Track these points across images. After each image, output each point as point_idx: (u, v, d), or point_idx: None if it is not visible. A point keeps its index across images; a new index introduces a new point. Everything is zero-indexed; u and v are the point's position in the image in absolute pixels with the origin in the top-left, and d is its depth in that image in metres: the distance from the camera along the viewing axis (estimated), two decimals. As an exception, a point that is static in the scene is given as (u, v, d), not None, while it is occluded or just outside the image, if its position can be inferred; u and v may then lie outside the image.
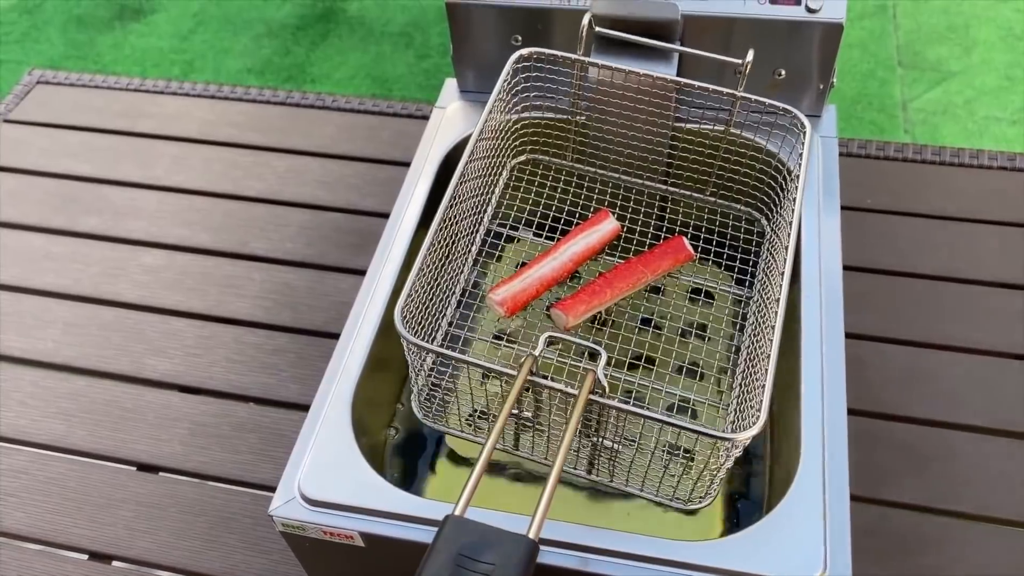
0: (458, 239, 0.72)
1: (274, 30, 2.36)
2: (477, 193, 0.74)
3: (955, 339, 0.86)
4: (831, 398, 0.65)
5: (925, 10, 2.24)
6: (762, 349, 0.61)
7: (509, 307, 0.69)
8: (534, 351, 0.56)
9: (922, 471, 0.77)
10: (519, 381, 0.55)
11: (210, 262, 0.98)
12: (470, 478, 0.49)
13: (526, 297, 0.70)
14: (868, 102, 2.05)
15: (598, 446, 0.63)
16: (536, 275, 0.71)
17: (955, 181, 1.00)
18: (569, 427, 0.52)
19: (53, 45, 2.38)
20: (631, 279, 0.73)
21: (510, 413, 0.60)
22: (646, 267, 0.73)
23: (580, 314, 0.71)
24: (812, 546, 0.57)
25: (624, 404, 0.55)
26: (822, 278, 0.72)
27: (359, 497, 0.59)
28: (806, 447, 0.63)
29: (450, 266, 0.72)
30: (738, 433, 0.53)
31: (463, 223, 0.72)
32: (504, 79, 0.70)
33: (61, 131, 1.15)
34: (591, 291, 0.72)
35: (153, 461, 0.83)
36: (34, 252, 1.01)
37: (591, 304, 0.71)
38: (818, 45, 0.74)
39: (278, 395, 0.86)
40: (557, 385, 0.56)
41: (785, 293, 0.61)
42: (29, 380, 0.89)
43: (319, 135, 1.11)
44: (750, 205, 0.78)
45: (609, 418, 0.58)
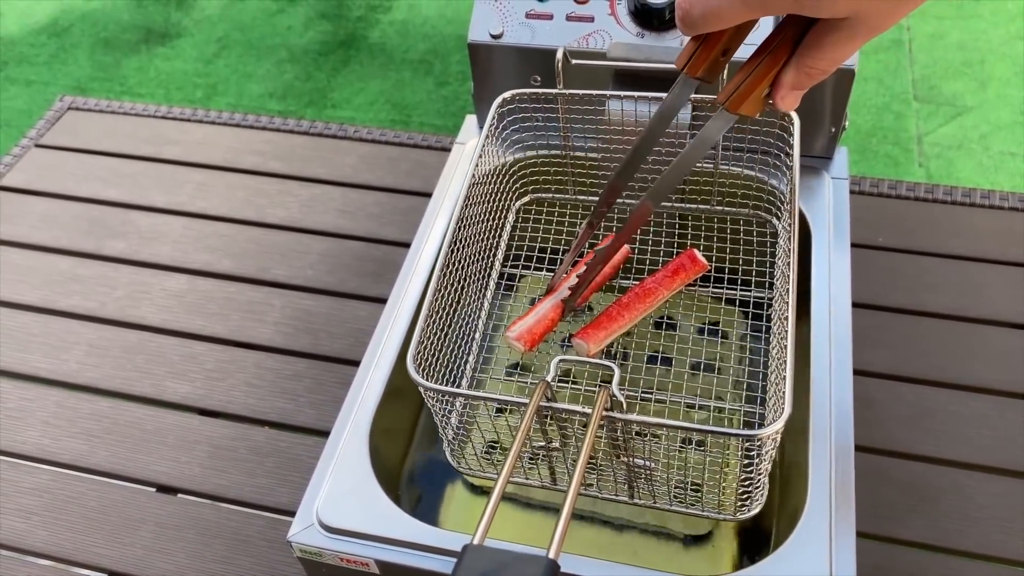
0: (468, 283, 0.74)
1: (296, 56, 2.40)
2: (483, 237, 0.75)
3: (964, 378, 0.87)
4: (839, 435, 0.66)
5: (941, 45, 2.26)
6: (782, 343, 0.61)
7: (527, 341, 0.70)
8: (547, 377, 0.57)
9: (929, 509, 0.78)
10: (531, 407, 0.55)
11: (232, 287, 1.01)
12: (487, 507, 0.50)
13: (542, 330, 0.71)
14: (883, 135, 2.06)
15: (631, 467, 0.63)
16: (549, 306, 0.72)
17: (967, 220, 1.01)
18: (585, 444, 0.52)
19: (80, 67, 2.43)
20: (647, 300, 0.73)
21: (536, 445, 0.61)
22: (660, 285, 0.74)
23: (600, 340, 0.71)
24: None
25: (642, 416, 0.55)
26: (831, 316, 0.73)
27: (376, 525, 0.60)
28: (813, 483, 0.64)
29: (464, 311, 0.73)
30: (764, 428, 0.53)
31: (472, 267, 0.74)
32: (490, 123, 0.72)
33: (90, 156, 1.18)
34: (609, 317, 0.72)
35: (172, 483, 0.84)
36: (62, 274, 1.03)
37: (610, 329, 0.72)
38: (830, 90, 0.76)
39: (295, 420, 0.88)
40: (570, 406, 0.56)
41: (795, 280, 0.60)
42: (54, 400, 0.92)
43: (341, 164, 1.13)
44: (758, 208, 0.79)
45: (632, 434, 0.59)
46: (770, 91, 0.48)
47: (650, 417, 0.55)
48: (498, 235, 0.81)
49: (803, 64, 0.45)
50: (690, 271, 0.75)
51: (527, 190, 0.84)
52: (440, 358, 0.67)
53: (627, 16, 0.76)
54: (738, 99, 0.49)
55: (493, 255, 0.80)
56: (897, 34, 2.28)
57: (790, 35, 0.45)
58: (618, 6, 0.77)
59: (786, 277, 0.63)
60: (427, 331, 0.62)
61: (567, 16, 0.77)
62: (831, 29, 0.42)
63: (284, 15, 2.53)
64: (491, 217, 0.77)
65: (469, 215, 0.70)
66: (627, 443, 0.60)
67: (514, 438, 0.53)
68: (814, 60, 0.44)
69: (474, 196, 0.71)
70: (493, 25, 0.79)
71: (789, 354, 0.56)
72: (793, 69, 0.45)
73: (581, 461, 0.52)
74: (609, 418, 0.56)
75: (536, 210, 0.84)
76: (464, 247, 0.70)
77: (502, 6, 0.79)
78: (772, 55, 0.46)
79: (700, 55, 0.49)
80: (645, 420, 0.55)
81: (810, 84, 0.46)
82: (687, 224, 0.82)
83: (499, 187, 0.78)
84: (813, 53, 0.44)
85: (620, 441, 0.60)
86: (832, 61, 0.44)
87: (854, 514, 0.63)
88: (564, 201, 0.83)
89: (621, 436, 0.59)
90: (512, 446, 0.53)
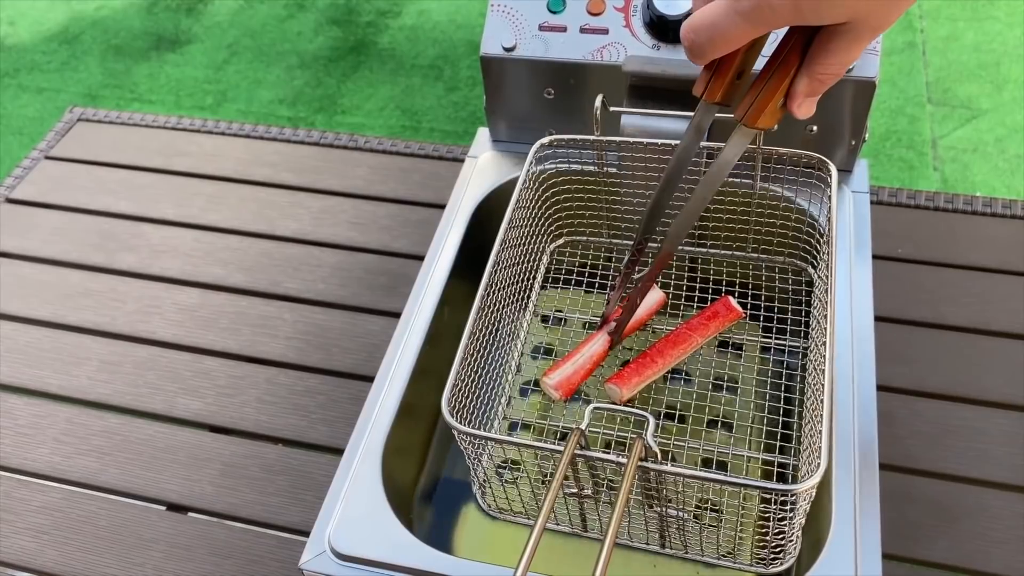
0: (500, 327, 0.74)
1: (306, 62, 2.40)
2: (517, 280, 0.75)
3: (988, 393, 0.85)
4: (863, 454, 0.65)
5: (955, 47, 2.24)
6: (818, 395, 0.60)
7: (564, 391, 0.70)
8: (581, 424, 0.56)
9: (954, 529, 0.77)
10: (567, 456, 0.55)
11: (244, 301, 1.00)
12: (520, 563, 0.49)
13: (579, 379, 0.72)
14: (897, 139, 2.04)
15: (664, 516, 0.63)
16: (587, 355, 0.72)
17: (987, 231, 0.99)
18: (621, 495, 0.52)
19: (91, 74, 2.44)
20: (681, 346, 0.74)
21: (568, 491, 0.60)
22: (694, 332, 0.74)
23: (634, 386, 0.72)
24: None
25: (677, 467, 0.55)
26: (853, 331, 0.72)
27: (389, 554, 0.59)
28: (837, 505, 0.63)
29: (497, 353, 0.74)
30: (799, 484, 0.52)
31: (506, 309, 0.73)
32: (528, 168, 0.71)
33: (100, 168, 1.17)
34: (643, 363, 0.72)
35: (183, 501, 0.84)
36: (72, 288, 1.03)
37: (644, 375, 0.72)
38: (850, 102, 0.75)
39: (308, 437, 0.87)
40: (606, 455, 0.56)
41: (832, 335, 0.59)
42: (64, 417, 0.91)
43: (352, 176, 1.12)
44: (793, 255, 0.78)
45: (666, 485, 0.58)
46: (785, 101, 0.48)
47: (684, 468, 0.55)
48: (532, 277, 0.82)
49: (814, 71, 0.45)
50: (725, 318, 0.75)
51: (561, 232, 0.84)
52: (475, 400, 0.66)
53: (642, 28, 0.75)
54: (754, 113, 0.49)
55: (527, 297, 0.81)
56: (911, 36, 2.26)
57: (798, 43, 0.45)
58: (633, 18, 0.75)
59: (822, 329, 0.63)
60: (462, 373, 0.62)
61: (581, 28, 0.76)
62: (835, 34, 0.43)
63: (294, 21, 2.53)
64: (523, 260, 0.77)
65: (504, 259, 0.70)
66: (660, 493, 0.59)
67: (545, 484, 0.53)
68: (824, 66, 0.45)
69: (510, 240, 0.71)
70: (506, 38, 0.78)
71: (826, 408, 0.55)
72: (805, 77, 0.46)
73: (616, 513, 0.51)
74: (643, 468, 0.55)
75: (571, 252, 0.85)
76: (497, 290, 0.70)
77: (515, 18, 0.78)
78: (782, 66, 0.46)
79: (716, 81, 0.49)
80: (681, 472, 0.55)
81: (823, 89, 0.47)
82: (722, 270, 0.82)
83: (532, 230, 0.78)
84: (821, 59, 0.45)
85: (653, 491, 0.59)
86: (841, 64, 0.45)
87: (880, 537, 0.61)
88: (599, 244, 0.83)
89: (655, 485, 0.59)
90: (546, 494, 0.52)
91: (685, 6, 0.72)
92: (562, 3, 0.77)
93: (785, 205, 0.75)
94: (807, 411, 0.65)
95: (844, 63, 0.45)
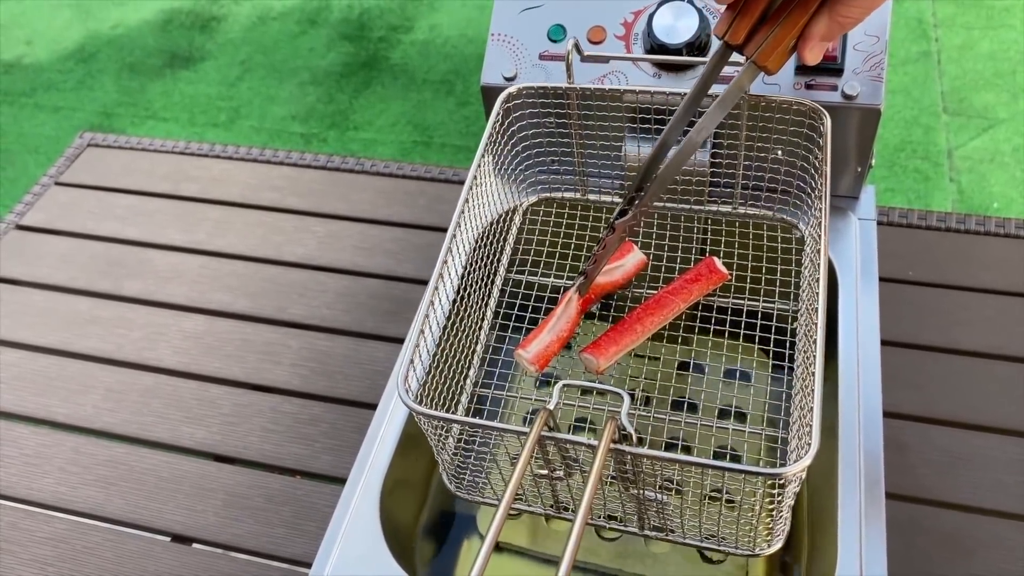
0: (470, 292, 0.69)
1: (318, 78, 2.41)
2: (486, 241, 0.71)
3: (1002, 420, 0.83)
4: (869, 484, 0.64)
5: (971, 55, 2.21)
6: (809, 370, 0.57)
7: (541, 363, 0.65)
8: (549, 404, 0.53)
9: (968, 562, 0.75)
10: (532, 438, 0.51)
11: (249, 328, 1.00)
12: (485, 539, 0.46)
13: (555, 349, 0.66)
14: (912, 149, 2.02)
15: (642, 499, 0.59)
16: (561, 321, 0.67)
17: (1001, 252, 0.97)
18: (591, 479, 0.48)
19: (107, 92, 2.46)
20: (663, 311, 0.68)
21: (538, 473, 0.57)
22: (676, 296, 0.68)
23: (612, 355, 0.66)
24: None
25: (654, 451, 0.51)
26: (860, 357, 0.71)
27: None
28: (843, 537, 0.62)
29: (464, 323, 0.69)
30: (787, 467, 0.48)
31: (474, 274, 0.70)
32: (494, 120, 0.68)
33: (109, 194, 1.18)
34: (621, 330, 0.67)
35: (187, 532, 0.83)
36: (80, 316, 1.03)
37: (622, 343, 0.66)
38: (855, 129, 0.73)
39: (311, 467, 0.87)
40: (575, 438, 0.52)
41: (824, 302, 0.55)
42: (70, 446, 0.91)
43: (358, 199, 1.12)
44: (783, 210, 0.74)
45: (642, 466, 0.54)
46: (796, 43, 0.46)
47: (661, 452, 0.51)
48: (503, 239, 0.77)
49: (836, 13, 0.44)
50: (709, 280, 0.69)
51: (535, 188, 0.79)
52: (437, 376, 0.63)
53: (643, 56, 0.74)
54: (767, 51, 0.47)
55: (497, 260, 0.76)
56: (925, 46, 2.23)
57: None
58: (634, 46, 0.75)
59: (814, 293, 0.58)
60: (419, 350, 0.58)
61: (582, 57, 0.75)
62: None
63: (306, 37, 2.54)
64: (494, 218, 0.72)
65: (469, 219, 0.66)
66: (636, 475, 0.56)
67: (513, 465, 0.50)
68: (848, 7, 0.43)
69: (476, 196, 0.66)
70: (506, 67, 0.77)
71: (817, 380, 0.51)
72: (826, 19, 0.44)
73: (586, 498, 0.47)
74: (617, 451, 0.51)
75: (545, 211, 0.80)
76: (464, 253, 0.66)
77: (515, 48, 0.77)
78: (802, 4, 0.45)
79: (740, 22, 0.48)
80: (656, 455, 0.51)
81: (841, 33, 0.45)
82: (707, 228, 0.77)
83: (503, 187, 0.74)
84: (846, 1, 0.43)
85: (629, 473, 0.56)
86: (866, 8, 0.43)
87: (886, 570, 0.60)
88: (575, 202, 0.79)
89: (631, 468, 0.55)
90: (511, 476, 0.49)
91: (686, 35, 0.72)
92: (562, 32, 0.76)
93: (774, 158, 0.71)
94: (797, 381, 0.61)
95: (869, 7, 0.43)
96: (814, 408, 0.50)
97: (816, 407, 0.50)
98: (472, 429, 0.66)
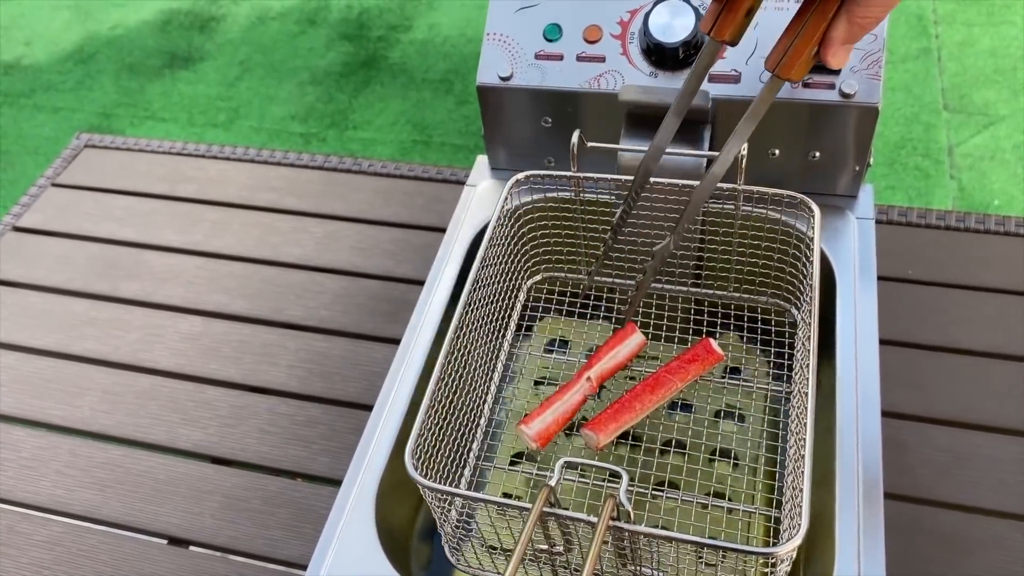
0: (475, 367, 0.71)
1: (318, 77, 2.40)
2: (492, 319, 0.74)
3: (1002, 420, 0.83)
4: (867, 487, 0.63)
5: (971, 52, 2.20)
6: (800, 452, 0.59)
7: (542, 441, 0.68)
8: (551, 481, 0.55)
9: (968, 562, 0.75)
10: (533, 515, 0.53)
11: (246, 329, 1.00)
12: None
13: (557, 427, 0.69)
14: (913, 147, 2.01)
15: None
16: (567, 404, 0.70)
17: (1001, 250, 0.97)
18: (589, 557, 0.50)
19: (106, 93, 2.46)
20: (661, 390, 0.71)
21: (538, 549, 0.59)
22: (674, 375, 0.71)
23: (611, 432, 0.69)
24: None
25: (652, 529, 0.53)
26: (857, 356, 0.70)
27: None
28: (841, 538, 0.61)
29: (468, 396, 0.71)
30: (780, 547, 0.50)
31: (479, 350, 0.72)
32: (502, 203, 0.70)
33: (106, 195, 1.18)
34: (620, 407, 0.70)
35: (184, 535, 0.83)
36: (76, 318, 1.03)
37: (621, 421, 0.69)
38: (853, 128, 0.73)
39: (308, 468, 0.87)
40: (576, 515, 0.54)
41: (813, 389, 0.59)
42: (67, 448, 0.91)
43: (356, 200, 1.12)
44: (777, 296, 0.76)
45: (639, 544, 0.56)
46: (818, 50, 0.46)
47: (658, 531, 0.53)
48: (507, 315, 0.79)
49: (855, 15, 0.43)
50: (705, 361, 0.72)
51: (539, 269, 0.83)
52: (442, 448, 0.64)
53: (639, 55, 0.74)
54: (789, 63, 0.47)
55: (502, 336, 0.79)
56: (926, 42, 2.23)
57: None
58: (630, 45, 0.74)
59: (804, 377, 0.61)
60: (428, 423, 0.59)
61: (578, 56, 0.75)
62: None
63: (305, 37, 2.54)
64: (499, 297, 0.75)
65: (477, 298, 0.68)
66: (634, 552, 0.57)
67: (515, 540, 0.51)
68: (866, 8, 0.42)
69: (483, 279, 0.69)
70: (502, 67, 0.77)
71: (807, 464, 0.54)
72: (845, 22, 0.43)
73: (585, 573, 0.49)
74: (616, 528, 0.53)
75: (548, 289, 0.83)
76: (471, 330, 0.68)
77: (511, 47, 0.77)
78: (819, 11, 0.44)
79: (726, 17, 0.47)
80: (653, 532, 0.53)
81: (862, 35, 0.44)
82: (703, 311, 0.80)
83: (508, 267, 0.76)
84: (863, 3, 0.42)
85: (626, 550, 0.57)
86: (885, 6, 0.42)
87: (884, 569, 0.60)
88: (577, 281, 0.82)
89: (628, 545, 0.57)
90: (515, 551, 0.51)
91: (682, 34, 0.71)
92: (558, 31, 0.76)
93: (767, 245, 0.74)
94: (790, 461, 0.63)
95: (888, 5, 0.42)
96: (804, 490, 0.52)
97: (806, 489, 0.52)
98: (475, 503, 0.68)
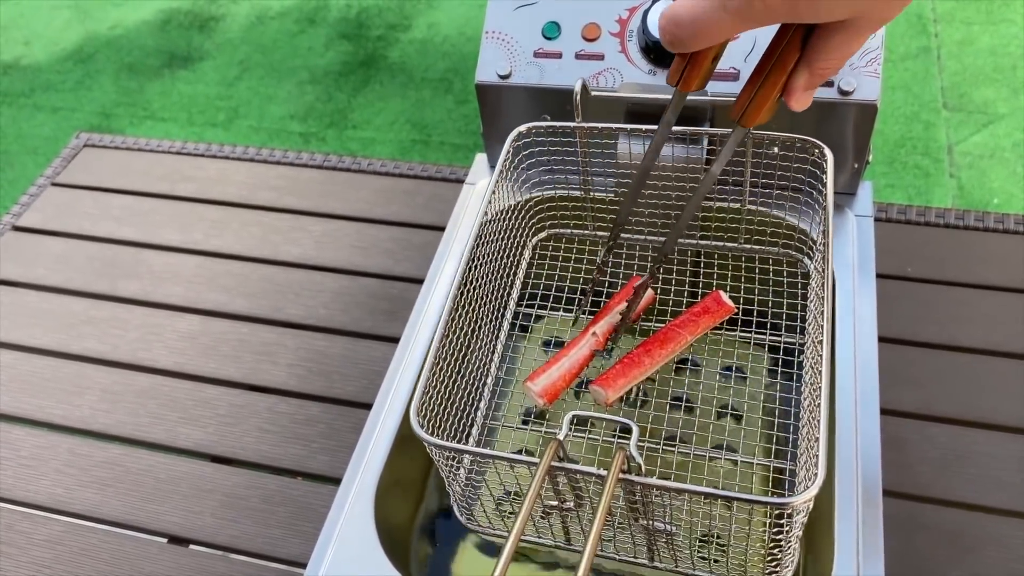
0: (480, 325, 0.71)
1: (317, 77, 2.40)
2: (496, 276, 0.73)
3: (1001, 417, 0.83)
4: (866, 485, 0.63)
5: (971, 51, 2.20)
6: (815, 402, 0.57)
7: (549, 397, 0.67)
8: (559, 435, 0.54)
9: (967, 560, 0.75)
10: (541, 469, 0.52)
11: (245, 328, 1.00)
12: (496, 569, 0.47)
13: (564, 383, 0.69)
14: (912, 146, 2.01)
15: (651, 530, 0.60)
16: (573, 359, 0.69)
17: (1001, 248, 0.97)
18: (600, 510, 0.49)
19: (105, 93, 2.45)
20: (670, 344, 0.69)
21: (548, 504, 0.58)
22: (683, 329, 0.70)
23: (620, 387, 0.67)
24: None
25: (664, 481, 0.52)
26: (856, 353, 0.70)
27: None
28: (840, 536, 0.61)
29: (475, 355, 0.71)
30: (795, 496, 0.49)
31: (484, 308, 0.71)
32: (504, 158, 0.69)
33: (105, 194, 1.18)
34: (629, 363, 0.68)
35: (184, 534, 0.83)
36: (75, 317, 1.03)
37: (630, 376, 0.68)
38: (852, 125, 0.73)
39: (308, 467, 0.87)
40: (586, 468, 0.53)
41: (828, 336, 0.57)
42: (66, 448, 0.91)
43: (355, 199, 1.12)
44: (788, 247, 0.76)
45: (651, 497, 0.55)
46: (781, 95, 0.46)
47: (670, 482, 0.52)
48: (513, 274, 0.78)
49: (815, 67, 0.44)
50: (716, 314, 0.71)
51: (544, 226, 0.82)
52: (448, 407, 0.64)
53: (638, 53, 0.74)
54: (753, 112, 0.47)
55: (507, 295, 0.78)
56: (925, 41, 2.22)
57: (796, 38, 0.43)
58: (628, 43, 0.74)
59: (819, 325, 0.60)
60: (433, 380, 0.59)
61: (576, 54, 0.75)
62: (836, 30, 0.41)
63: (304, 36, 2.54)
64: (505, 255, 0.74)
65: (481, 254, 0.68)
66: (646, 506, 0.57)
67: (524, 495, 0.51)
68: (825, 60, 0.44)
69: (487, 234, 0.68)
70: (501, 65, 0.77)
71: (823, 412, 0.52)
72: (805, 72, 0.45)
73: (596, 527, 0.49)
74: (626, 481, 0.53)
75: (554, 247, 0.82)
76: (476, 288, 0.68)
77: (509, 45, 0.77)
78: (780, 62, 0.45)
79: (691, 71, 0.48)
80: (665, 485, 0.52)
81: (822, 82, 0.45)
82: (713, 264, 0.79)
83: (514, 223, 0.76)
84: (822, 55, 0.43)
85: (638, 504, 0.57)
86: (843, 57, 0.43)
87: (883, 571, 0.60)
88: (583, 237, 0.81)
89: (640, 498, 0.56)
90: (522, 506, 0.50)
91: (680, 31, 0.71)
92: (557, 29, 0.76)
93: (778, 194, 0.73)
94: (804, 413, 0.62)
95: (846, 56, 0.43)
96: (820, 439, 0.51)
97: (822, 438, 0.51)
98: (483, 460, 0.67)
